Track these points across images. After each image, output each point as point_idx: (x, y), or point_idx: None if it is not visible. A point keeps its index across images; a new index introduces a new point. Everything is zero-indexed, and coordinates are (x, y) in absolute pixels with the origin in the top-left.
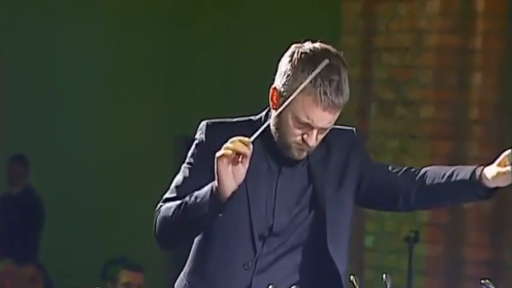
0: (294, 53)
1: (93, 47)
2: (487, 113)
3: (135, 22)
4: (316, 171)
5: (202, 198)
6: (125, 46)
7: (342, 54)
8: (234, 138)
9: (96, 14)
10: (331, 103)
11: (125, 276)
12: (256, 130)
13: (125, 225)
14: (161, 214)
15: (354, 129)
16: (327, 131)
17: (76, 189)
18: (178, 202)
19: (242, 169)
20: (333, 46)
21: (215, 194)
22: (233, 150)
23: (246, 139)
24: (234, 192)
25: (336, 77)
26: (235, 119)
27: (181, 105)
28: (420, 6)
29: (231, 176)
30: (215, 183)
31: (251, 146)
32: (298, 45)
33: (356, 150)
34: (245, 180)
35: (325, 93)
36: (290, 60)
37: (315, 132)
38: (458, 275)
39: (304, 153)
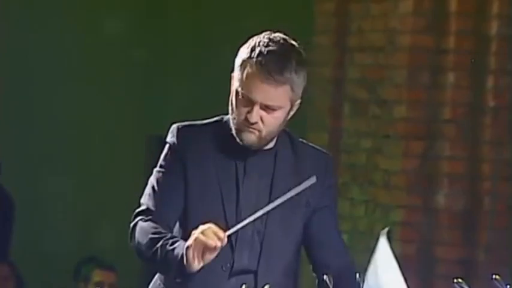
0: (252, 40)
1: (64, 45)
2: (460, 112)
3: (109, 19)
4: (278, 180)
5: (172, 259)
6: (97, 44)
7: (297, 43)
8: (206, 226)
9: (68, 10)
10: (268, 75)
11: (97, 276)
12: (226, 130)
13: (97, 225)
14: (136, 237)
15: (329, 154)
16: (277, 115)
17: (47, 188)
18: (152, 235)
19: (210, 256)
20: (303, 43)
21: (182, 265)
22: (202, 243)
23: (220, 232)
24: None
25: (277, 49)
26: (205, 121)
27: (155, 103)
28: (393, 6)
29: (199, 260)
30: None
31: (225, 240)
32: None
33: (325, 178)
34: (218, 184)
35: (261, 63)
36: (247, 46)
37: (256, 108)
38: (431, 274)
39: (254, 137)
